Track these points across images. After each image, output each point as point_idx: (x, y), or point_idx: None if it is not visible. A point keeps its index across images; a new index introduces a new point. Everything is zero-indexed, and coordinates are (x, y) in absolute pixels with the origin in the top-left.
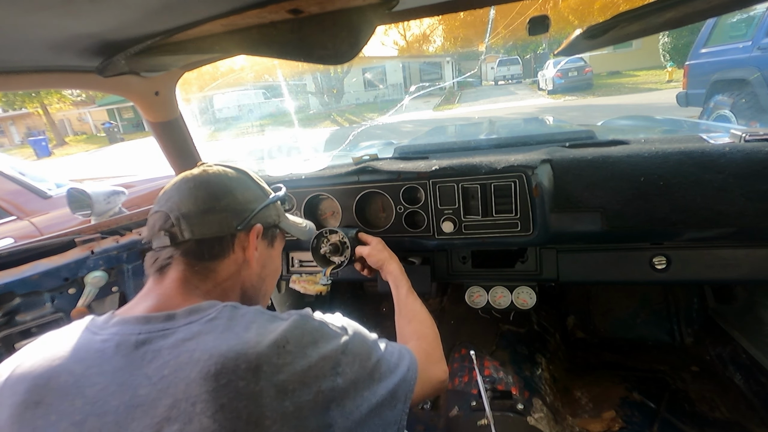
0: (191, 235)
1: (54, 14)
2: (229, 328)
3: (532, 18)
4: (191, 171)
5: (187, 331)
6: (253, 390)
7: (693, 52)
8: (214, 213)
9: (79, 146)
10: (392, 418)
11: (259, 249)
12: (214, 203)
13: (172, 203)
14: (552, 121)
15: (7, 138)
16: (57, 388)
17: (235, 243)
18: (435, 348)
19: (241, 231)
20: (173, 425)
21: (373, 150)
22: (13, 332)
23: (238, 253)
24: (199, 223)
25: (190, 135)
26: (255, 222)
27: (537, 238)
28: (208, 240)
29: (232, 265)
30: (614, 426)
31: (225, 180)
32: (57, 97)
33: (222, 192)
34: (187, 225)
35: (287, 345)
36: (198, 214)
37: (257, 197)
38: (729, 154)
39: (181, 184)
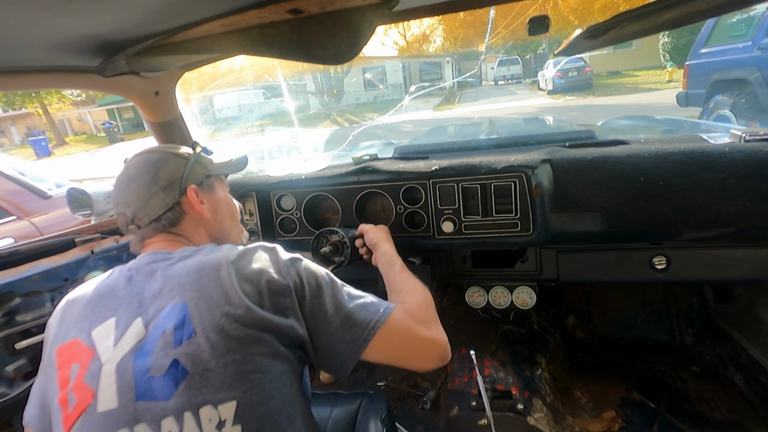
0: (149, 219)
1: (54, 14)
2: (210, 251)
3: (532, 18)
4: (121, 170)
5: (182, 256)
6: (222, 275)
7: (693, 52)
8: (154, 196)
9: (79, 146)
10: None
11: (205, 201)
12: (150, 188)
13: (122, 203)
14: (552, 121)
15: (7, 138)
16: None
17: (184, 206)
18: (423, 310)
19: (182, 196)
20: (173, 299)
21: (373, 150)
22: (13, 332)
23: (190, 212)
24: (148, 206)
25: (190, 135)
26: (188, 183)
27: (537, 238)
28: (163, 215)
29: (191, 222)
30: (614, 426)
31: (146, 164)
32: (57, 97)
33: (149, 177)
34: (141, 213)
35: (247, 254)
36: (144, 204)
37: (179, 164)
38: (729, 154)
39: (120, 185)
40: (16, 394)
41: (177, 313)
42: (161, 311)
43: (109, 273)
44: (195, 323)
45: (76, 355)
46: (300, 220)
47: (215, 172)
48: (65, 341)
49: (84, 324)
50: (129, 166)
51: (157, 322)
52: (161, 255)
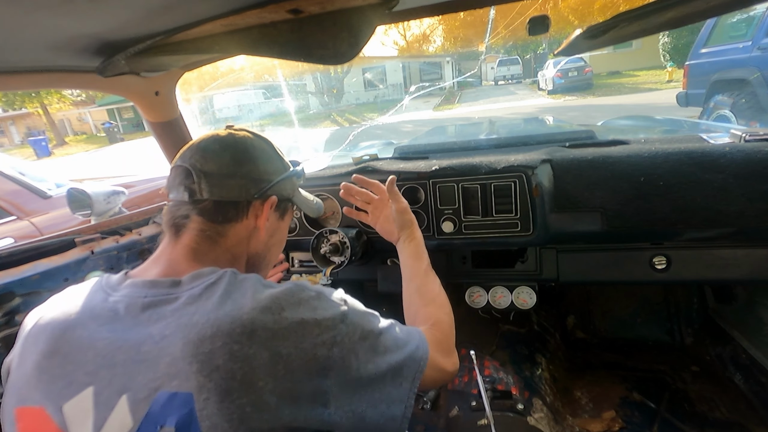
0: (210, 195)
1: (54, 14)
2: (228, 293)
3: (532, 18)
4: (218, 132)
5: (189, 296)
6: (246, 353)
7: (693, 52)
8: (234, 178)
9: (79, 146)
10: (397, 396)
11: (270, 219)
12: (237, 168)
13: (195, 160)
14: (552, 121)
15: (7, 138)
16: (72, 341)
17: (250, 210)
18: (449, 337)
19: (258, 199)
20: (173, 381)
21: (373, 150)
22: (13, 332)
23: (251, 219)
24: (219, 185)
25: (190, 135)
26: (271, 193)
27: (537, 238)
28: (225, 203)
29: (243, 230)
30: (614, 426)
31: (249, 147)
32: (57, 97)
33: (245, 158)
34: (207, 184)
35: (282, 311)
36: (220, 176)
37: (277, 169)
38: (729, 154)
39: (208, 144)
40: None
41: (180, 405)
42: (156, 393)
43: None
44: (204, 426)
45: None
46: (300, 220)
47: (297, 199)
48: (28, 404)
49: (53, 388)
50: (233, 134)
51: (150, 410)
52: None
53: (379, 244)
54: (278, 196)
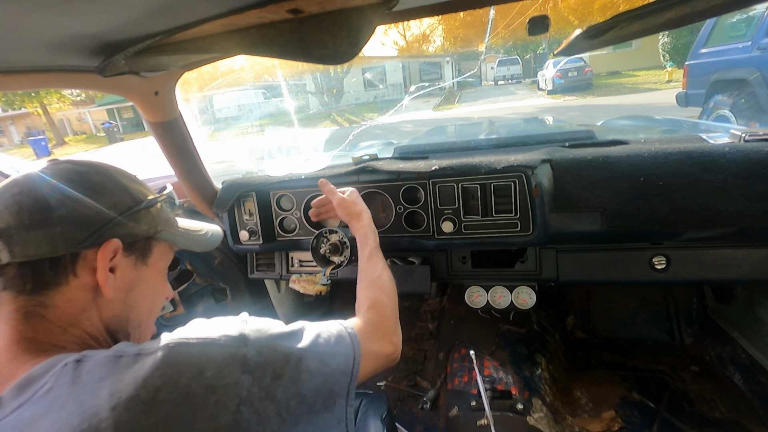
0: (11, 258)
1: (54, 14)
2: (73, 396)
3: (532, 18)
4: (24, 174)
5: (19, 420)
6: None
7: (693, 52)
8: (44, 227)
9: (79, 146)
10: (333, 419)
11: (121, 269)
12: (46, 214)
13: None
14: (552, 121)
15: (7, 138)
16: None
17: (78, 265)
18: (387, 317)
19: (88, 248)
20: None
21: (373, 150)
22: None
23: (84, 277)
24: (21, 242)
25: (189, 135)
26: (109, 236)
27: (537, 238)
28: (35, 263)
29: (78, 294)
30: (614, 426)
31: (67, 183)
32: (57, 97)
33: (59, 199)
34: (4, 244)
35: (159, 393)
36: (21, 229)
37: (118, 203)
38: (729, 154)
39: (2, 191)
40: None
41: None
42: None
43: None
44: None
45: None
46: (300, 220)
47: (165, 236)
48: None
49: None
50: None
51: None
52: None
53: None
54: (124, 238)
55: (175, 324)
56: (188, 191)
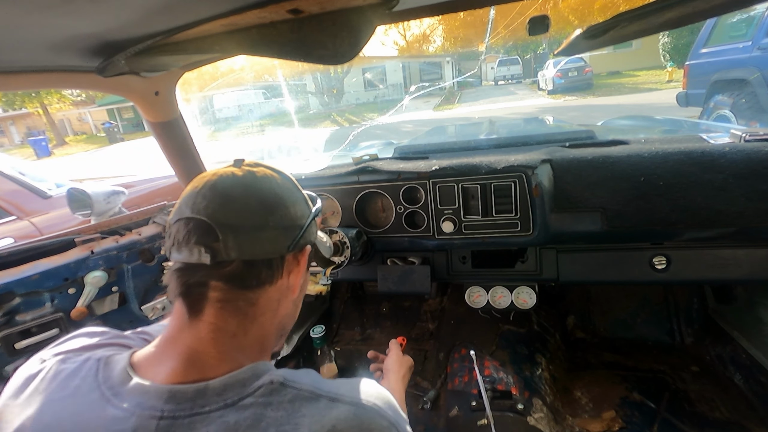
0: (239, 255)
1: (54, 14)
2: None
3: (532, 18)
4: (232, 170)
5: (223, 422)
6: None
7: (693, 52)
8: (266, 230)
9: (79, 146)
10: None
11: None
12: (267, 217)
13: (214, 210)
14: (552, 121)
15: (7, 138)
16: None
17: (283, 267)
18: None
19: (291, 252)
20: None
21: (373, 150)
22: (13, 332)
23: (284, 279)
24: (249, 241)
25: (190, 135)
26: (304, 242)
27: (537, 238)
28: (258, 263)
29: (275, 294)
30: (614, 426)
31: (276, 188)
32: (57, 97)
33: (274, 203)
34: (235, 241)
35: None
36: (250, 229)
37: (304, 212)
38: (729, 154)
39: (227, 187)
40: None
41: None
42: None
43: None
44: None
45: None
46: None
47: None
48: None
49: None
50: (250, 171)
51: None
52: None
53: (379, 244)
54: (310, 244)
55: None
56: None
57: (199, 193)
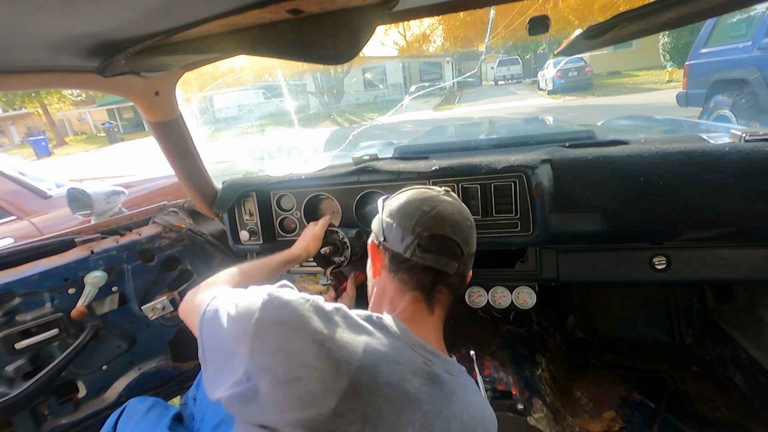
0: (463, 271)
1: (54, 14)
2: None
3: (532, 18)
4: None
5: (462, 385)
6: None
7: (693, 52)
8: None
9: (79, 146)
10: None
11: None
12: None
13: (462, 237)
14: (552, 121)
15: (7, 138)
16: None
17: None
18: None
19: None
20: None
21: (373, 150)
22: (13, 332)
23: None
24: (467, 262)
25: (190, 135)
26: None
27: (537, 238)
28: (464, 277)
29: None
30: (614, 426)
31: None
32: (57, 97)
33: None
34: (467, 262)
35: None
36: (471, 255)
37: None
38: (729, 154)
39: (465, 217)
40: (16, 394)
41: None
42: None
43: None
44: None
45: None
46: (300, 220)
47: None
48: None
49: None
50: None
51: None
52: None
53: None
54: None
55: (174, 324)
56: (188, 191)
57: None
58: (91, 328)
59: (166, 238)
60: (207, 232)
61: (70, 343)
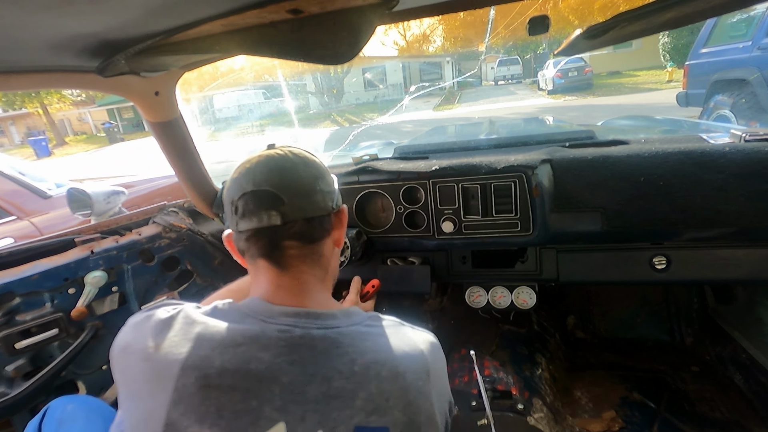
0: (303, 214)
1: (54, 14)
2: (392, 335)
3: (532, 18)
4: (276, 151)
5: (356, 333)
6: (428, 389)
7: (693, 52)
8: (317, 193)
9: (79, 146)
10: None
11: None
12: (315, 183)
13: (277, 182)
14: (552, 121)
15: (7, 138)
16: (252, 375)
17: (333, 223)
18: None
19: (335, 210)
20: (370, 416)
21: (373, 150)
22: (13, 332)
23: (333, 233)
24: (308, 202)
25: (190, 135)
26: (341, 202)
27: (537, 238)
28: (315, 219)
29: (330, 246)
30: (614, 426)
31: (311, 160)
32: (57, 97)
33: (317, 171)
34: (298, 204)
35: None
36: (306, 194)
37: (332, 179)
38: (729, 154)
39: (278, 163)
40: (16, 394)
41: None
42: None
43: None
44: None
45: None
46: None
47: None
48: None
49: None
50: (292, 151)
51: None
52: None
53: (379, 244)
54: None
55: None
56: (188, 191)
57: (254, 170)
58: (91, 328)
59: (166, 238)
60: (207, 232)
61: (70, 343)
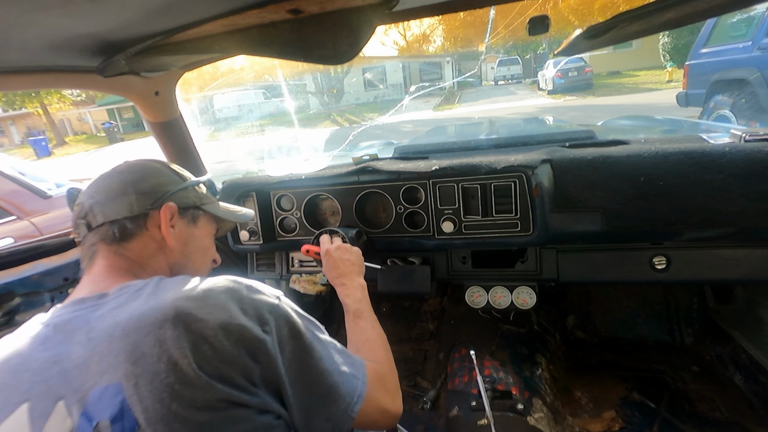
0: (104, 219)
1: (54, 14)
2: (154, 293)
3: (532, 18)
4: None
5: (116, 303)
6: (171, 335)
7: (693, 52)
8: (125, 196)
9: (79, 146)
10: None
11: (178, 227)
12: (126, 187)
13: (87, 195)
14: (552, 121)
15: (7, 138)
16: (8, 369)
17: (149, 222)
18: (390, 374)
19: (153, 210)
20: (103, 376)
21: (373, 150)
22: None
23: (153, 231)
24: (110, 207)
25: (190, 135)
26: (166, 200)
27: (537, 238)
28: (120, 221)
29: (150, 243)
30: (614, 426)
31: (137, 168)
32: (57, 97)
33: (133, 178)
34: (99, 210)
35: (208, 299)
36: (109, 199)
37: (172, 181)
38: (729, 154)
39: (98, 178)
40: None
41: (111, 397)
42: (90, 392)
43: (25, 328)
44: (137, 412)
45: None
46: (300, 220)
47: (208, 208)
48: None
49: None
50: (121, 162)
51: (85, 408)
52: (92, 300)
53: (379, 244)
54: (178, 204)
55: None
56: None
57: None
58: None
59: None
60: None
61: None
